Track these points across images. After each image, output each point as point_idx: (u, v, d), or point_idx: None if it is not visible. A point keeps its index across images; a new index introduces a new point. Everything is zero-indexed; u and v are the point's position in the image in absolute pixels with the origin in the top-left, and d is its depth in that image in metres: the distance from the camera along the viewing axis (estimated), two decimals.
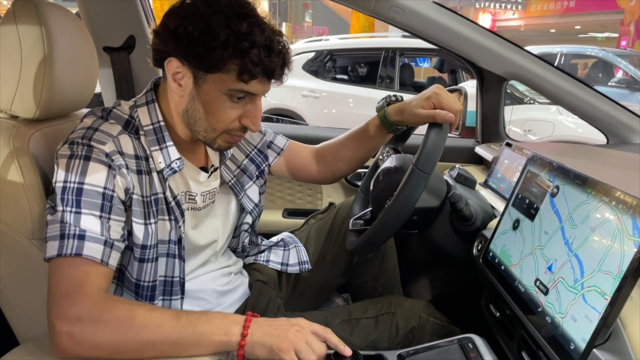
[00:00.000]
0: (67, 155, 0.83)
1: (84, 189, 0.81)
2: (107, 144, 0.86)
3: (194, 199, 1.00)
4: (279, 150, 1.23)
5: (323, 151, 1.26)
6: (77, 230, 0.79)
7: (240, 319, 0.79)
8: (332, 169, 1.25)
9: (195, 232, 1.01)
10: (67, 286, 0.77)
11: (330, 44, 5.43)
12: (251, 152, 1.16)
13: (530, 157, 0.92)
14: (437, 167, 1.03)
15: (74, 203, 0.80)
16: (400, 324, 1.04)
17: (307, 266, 1.28)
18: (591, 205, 0.70)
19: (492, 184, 1.32)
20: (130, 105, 0.94)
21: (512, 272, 0.85)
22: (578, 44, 10.04)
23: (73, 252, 0.78)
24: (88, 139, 0.85)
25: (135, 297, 0.93)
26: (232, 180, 1.08)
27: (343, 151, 1.23)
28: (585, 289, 0.65)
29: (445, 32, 1.37)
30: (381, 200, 1.04)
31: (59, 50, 0.92)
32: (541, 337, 0.71)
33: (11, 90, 0.92)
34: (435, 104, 1.01)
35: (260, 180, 1.16)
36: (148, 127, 0.93)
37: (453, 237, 1.08)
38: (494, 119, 1.58)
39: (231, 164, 1.10)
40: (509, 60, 1.42)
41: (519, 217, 0.88)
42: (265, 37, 0.83)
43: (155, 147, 0.92)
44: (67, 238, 0.79)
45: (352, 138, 1.21)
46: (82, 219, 0.80)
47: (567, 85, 1.44)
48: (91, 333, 0.75)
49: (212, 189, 1.03)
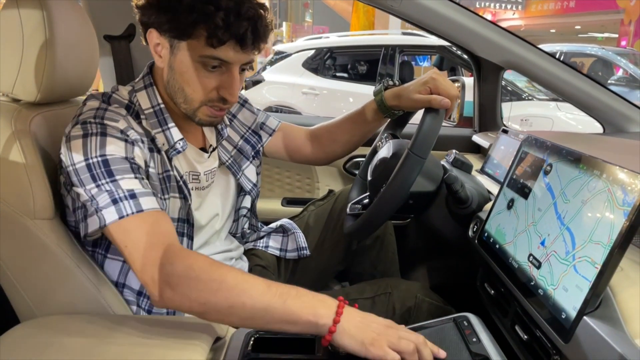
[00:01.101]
0: (80, 135, 0.84)
1: (108, 159, 0.82)
2: (120, 121, 0.87)
3: (197, 178, 1.01)
4: (270, 131, 1.24)
5: (318, 132, 1.27)
6: (125, 192, 0.80)
7: (330, 301, 0.75)
8: (327, 150, 1.26)
9: (198, 212, 1.03)
10: (147, 240, 0.78)
11: (330, 42, 5.45)
12: (245, 133, 1.17)
13: (525, 138, 0.93)
14: (434, 155, 1.05)
15: (106, 174, 0.81)
16: (397, 305, 1.05)
17: (305, 252, 1.29)
18: (583, 180, 0.71)
19: (489, 170, 1.33)
20: (129, 90, 0.96)
21: (506, 250, 0.86)
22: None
23: (134, 210, 0.80)
24: (100, 117, 0.86)
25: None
26: (230, 160, 1.09)
27: (338, 134, 1.24)
28: (577, 259, 0.66)
29: (443, 20, 1.38)
30: (378, 186, 1.06)
31: (59, 35, 0.93)
32: (534, 309, 0.72)
33: (13, 73, 0.93)
34: (432, 89, 1.02)
35: (256, 161, 1.18)
36: (149, 110, 0.94)
37: (449, 221, 1.09)
38: (491, 108, 1.60)
39: (228, 145, 1.12)
40: (506, 49, 1.43)
41: (513, 196, 0.90)
42: (234, 2, 0.83)
43: (157, 130, 0.94)
44: (120, 201, 0.80)
45: (348, 121, 1.22)
46: (122, 183, 0.81)
47: (564, 74, 1.45)
48: (185, 278, 0.75)
49: (213, 168, 1.05)
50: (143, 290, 0.96)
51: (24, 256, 0.92)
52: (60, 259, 0.91)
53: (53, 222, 0.92)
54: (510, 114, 3.76)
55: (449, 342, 0.81)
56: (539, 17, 17.11)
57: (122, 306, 0.96)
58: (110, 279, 0.96)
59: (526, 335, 0.77)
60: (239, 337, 0.81)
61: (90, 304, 0.92)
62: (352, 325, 0.72)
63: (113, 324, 0.85)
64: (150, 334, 0.82)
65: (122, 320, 0.91)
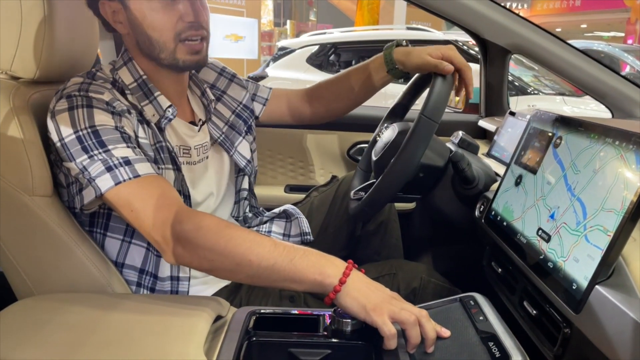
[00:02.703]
0: (66, 109, 0.83)
1: (98, 130, 0.82)
2: (105, 93, 0.87)
3: (188, 152, 1.00)
4: (263, 100, 1.23)
5: (317, 90, 1.26)
6: (119, 159, 0.80)
7: (338, 262, 0.76)
8: (328, 108, 1.25)
9: (192, 188, 1.01)
10: (154, 202, 0.79)
11: (334, 37, 5.43)
12: (237, 108, 1.16)
13: (534, 114, 0.91)
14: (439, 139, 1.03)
15: (98, 145, 0.81)
16: (402, 285, 1.03)
17: (309, 237, 1.27)
18: (594, 149, 0.69)
19: (495, 152, 1.31)
20: (110, 69, 0.96)
21: (514, 226, 0.84)
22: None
23: (130, 176, 0.79)
24: (85, 90, 0.86)
25: (147, 245, 0.94)
26: (221, 137, 1.08)
27: (340, 88, 1.22)
28: (588, 229, 0.64)
29: (449, 2, 1.36)
30: (384, 163, 1.03)
31: (58, 12, 0.92)
32: (543, 283, 0.70)
33: (11, 50, 0.92)
34: (444, 56, 1.00)
35: (249, 137, 1.16)
36: (132, 84, 0.94)
37: (456, 202, 1.07)
38: (497, 92, 1.57)
39: (218, 121, 1.11)
40: (513, 31, 1.41)
41: (521, 172, 0.87)
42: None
43: (144, 102, 0.94)
44: (115, 168, 0.80)
45: (351, 73, 1.20)
46: (115, 152, 0.81)
47: (572, 57, 1.42)
48: (194, 236, 0.75)
49: (204, 142, 1.04)
50: (146, 268, 0.95)
51: (22, 234, 0.91)
52: (59, 237, 0.90)
53: (52, 199, 0.91)
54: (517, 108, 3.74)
55: (455, 321, 0.79)
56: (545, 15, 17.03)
57: (122, 285, 0.94)
58: (110, 259, 0.95)
59: (535, 311, 0.75)
60: (240, 315, 0.79)
61: (90, 283, 0.91)
62: (357, 287, 0.72)
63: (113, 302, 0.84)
64: (150, 312, 0.81)
65: (122, 298, 0.90)
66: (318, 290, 0.74)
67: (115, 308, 0.81)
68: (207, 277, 1.06)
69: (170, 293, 0.97)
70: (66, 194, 0.91)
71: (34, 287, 0.91)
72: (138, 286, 0.96)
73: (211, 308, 0.81)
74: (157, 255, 0.94)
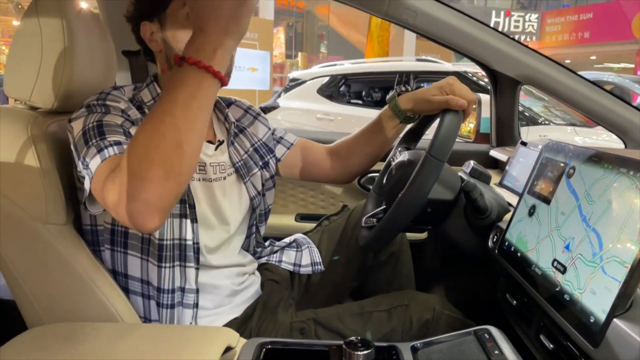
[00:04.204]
0: (82, 114, 0.88)
1: (103, 123, 0.85)
2: (121, 102, 0.92)
3: (204, 168, 1.02)
4: (288, 145, 1.24)
5: (337, 148, 1.26)
6: (112, 142, 0.82)
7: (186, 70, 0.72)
8: (346, 164, 1.25)
9: (208, 205, 1.02)
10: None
11: (345, 69, 5.49)
12: (256, 143, 1.18)
13: (546, 144, 0.91)
14: (451, 168, 1.02)
15: (98, 134, 0.83)
16: (414, 317, 1.02)
17: (319, 267, 1.26)
18: (608, 179, 0.69)
19: (507, 182, 1.30)
20: (134, 93, 1.01)
21: (528, 257, 0.82)
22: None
23: (116, 152, 0.80)
24: (103, 99, 0.91)
25: (158, 263, 0.94)
26: (240, 162, 1.09)
27: (357, 145, 1.23)
28: (605, 260, 0.63)
29: (458, 34, 1.38)
30: (394, 194, 1.03)
31: (78, 45, 0.95)
32: (559, 316, 0.68)
33: (31, 81, 0.94)
34: (448, 93, 1.01)
35: (265, 173, 1.17)
36: (150, 102, 1.00)
37: (468, 232, 1.05)
38: (508, 123, 1.57)
39: (239, 148, 1.13)
40: (522, 62, 1.42)
41: (534, 202, 0.87)
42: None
43: None
44: (106, 148, 0.81)
45: (365, 132, 1.22)
46: (109, 138, 0.83)
47: (583, 88, 1.43)
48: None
49: (221, 162, 1.05)
50: (145, 278, 0.97)
51: (35, 262, 0.91)
52: (70, 265, 0.90)
53: (65, 228, 0.92)
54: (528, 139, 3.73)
55: (469, 355, 0.78)
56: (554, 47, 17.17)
57: (131, 314, 0.94)
58: (115, 269, 0.97)
59: (552, 345, 0.73)
60: (250, 347, 0.78)
61: (100, 312, 0.91)
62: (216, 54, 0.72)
63: (123, 332, 0.84)
64: (160, 342, 0.80)
65: (132, 328, 0.89)
66: (209, 83, 0.72)
67: (125, 338, 0.81)
68: (218, 309, 1.05)
69: (176, 306, 0.96)
70: (85, 216, 0.94)
71: (44, 316, 0.91)
72: (144, 297, 0.97)
73: (221, 339, 0.80)
74: (158, 266, 0.94)
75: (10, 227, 0.89)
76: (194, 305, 0.99)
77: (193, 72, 0.72)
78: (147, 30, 0.99)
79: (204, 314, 1.03)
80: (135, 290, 0.97)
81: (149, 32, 0.99)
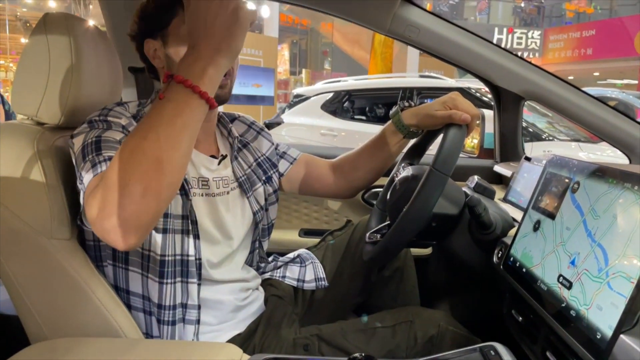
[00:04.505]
0: (83, 130, 0.89)
1: (102, 139, 0.85)
2: (123, 119, 0.92)
3: (207, 183, 1.02)
4: (291, 159, 1.25)
5: (340, 163, 1.27)
6: (106, 157, 0.81)
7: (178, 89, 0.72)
8: (349, 179, 1.25)
9: (211, 220, 1.02)
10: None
11: (348, 85, 5.52)
12: (259, 158, 1.19)
13: (550, 159, 0.91)
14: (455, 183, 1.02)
15: (95, 149, 0.83)
16: (419, 333, 1.01)
17: (323, 283, 1.26)
18: (613, 194, 0.68)
19: (512, 198, 1.30)
20: (138, 109, 1.01)
21: (533, 273, 0.82)
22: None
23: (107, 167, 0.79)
24: (105, 115, 0.91)
25: (159, 279, 0.94)
26: (243, 177, 1.10)
27: (360, 160, 1.23)
28: (610, 276, 0.63)
29: (461, 50, 1.39)
30: (398, 208, 1.03)
31: (85, 61, 0.96)
32: (566, 332, 0.68)
33: (38, 97, 0.95)
34: (452, 107, 1.01)
35: (268, 188, 1.17)
36: None
37: (473, 248, 1.05)
38: (512, 138, 1.58)
39: (243, 163, 1.13)
40: (525, 78, 1.42)
41: (539, 218, 0.86)
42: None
43: None
44: (99, 163, 0.80)
45: (369, 146, 1.22)
46: (104, 153, 0.83)
47: (587, 103, 1.43)
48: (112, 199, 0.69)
49: (224, 177, 1.05)
50: (146, 294, 0.96)
51: (39, 276, 0.91)
52: (74, 280, 0.90)
53: (69, 243, 0.92)
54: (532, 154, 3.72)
55: None
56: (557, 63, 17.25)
57: (134, 330, 0.93)
58: (117, 285, 0.96)
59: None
60: None
61: (103, 328, 0.91)
62: (207, 73, 0.73)
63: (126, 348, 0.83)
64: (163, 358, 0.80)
65: (135, 343, 0.89)
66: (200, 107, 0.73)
67: (127, 353, 0.80)
68: (221, 324, 1.05)
69: (177, 323, 0.96)
70: (88, 231, 0.94)
71: (47, 331, 0.91)
72: (145, 313, 0.96)
73: (224, 355, 0.79)
74: (159, 282, 0.94)
75: (14, 242, 0.90)
76: (196, 321, 0.98)
77: (179, 91, 0.71)
78: (151, 47, 1.00)
79: (207, 329, 1.02)
80: (137, 306, 0.97)
81: (152, 49, 1.00)
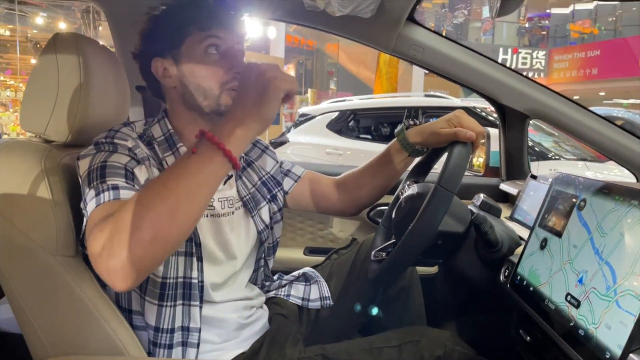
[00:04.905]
0: (91, 153, 0.89)
1: (107, 164, 0.86)
2: (129, 141, 0.92)
3: (212, 204, 1.01)
4: (296, 177, 1.25)
5: (344, 180, 1.27)
6: (109, 185, 0.82)
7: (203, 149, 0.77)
8: (354, 197, 1.25)
9: (215, 241, 1.01)
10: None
11: (354, 104, 5.55)
12: (264, 177, 1.19)
13: (556, 177, 0.90)
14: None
15: (99, 176, 0.84)
16: (425, 354, 0.99)
17: (328, 302, 1.25)
18: (620, 212, 0.68)
19: (518, 216, 1.29)
20: (145, 128, 1.02)
21: (541, 291, 0.81)
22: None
23: (111, 198, 0.80)
24: (111, 137, 0.91)
25: (159, 302, 0.93)
26: (247, 196, 1.10)
27: (364, 178, 1.23)
28: (619, 294, 0.62)
29: (466, 69, 1.40)
30: (404, 226, 1.03)
31: (93, 80, 0.97)
32: (574, 351, 0.67)
33: (46, 115, 0.96)
34: (456, 125, 1.01)
35: (273, 206, 1.17)
36: (160, 137, 1.01)
37: (479, 266, 1.04)
38: (517, 156, 1.57)
39: (247, 182, 1.13)
40: (530, 97, 1.43)
41: (546, 236, 0.86)
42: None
43: (167, 153, 0.99)
44: (102, 192, 0.81)
45: (373, 164, 1.22)
46: (108, 181, 0.83)
47: (593, 122, 1.43)
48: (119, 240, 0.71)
49: (229, 197, 1.05)
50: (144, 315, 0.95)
51: (43, 293, 0.91)
52: (79, 298, 0.90)
53: (74, 260, 0.92)
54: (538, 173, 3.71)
55: None
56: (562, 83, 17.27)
57: (138, 349, 0.93)
58: (120, 304, 0.96)
59: None
60: None
61: (106, 346, 0.90)
62: (234, 133, 0.77)
63: None
64: None
65: None
66: (222, 168, 0.76)
67: None
68: (225, 343, 1.03)
69: (175, 347, 0.95)
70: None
71: (50, 348, 0.90)
72: (144, 330, 0.96)
73: None
74: (158, 305, 0.94)
75: (19, 258, 0.90)
76: (197, 344, 0.97)
77: (207, 147, 0.76)
78: (160, 66, 0.99)
79: (210, 348, 1.01)
80: (140, 325, 0.96)
81: (162, 69, 0.99)
